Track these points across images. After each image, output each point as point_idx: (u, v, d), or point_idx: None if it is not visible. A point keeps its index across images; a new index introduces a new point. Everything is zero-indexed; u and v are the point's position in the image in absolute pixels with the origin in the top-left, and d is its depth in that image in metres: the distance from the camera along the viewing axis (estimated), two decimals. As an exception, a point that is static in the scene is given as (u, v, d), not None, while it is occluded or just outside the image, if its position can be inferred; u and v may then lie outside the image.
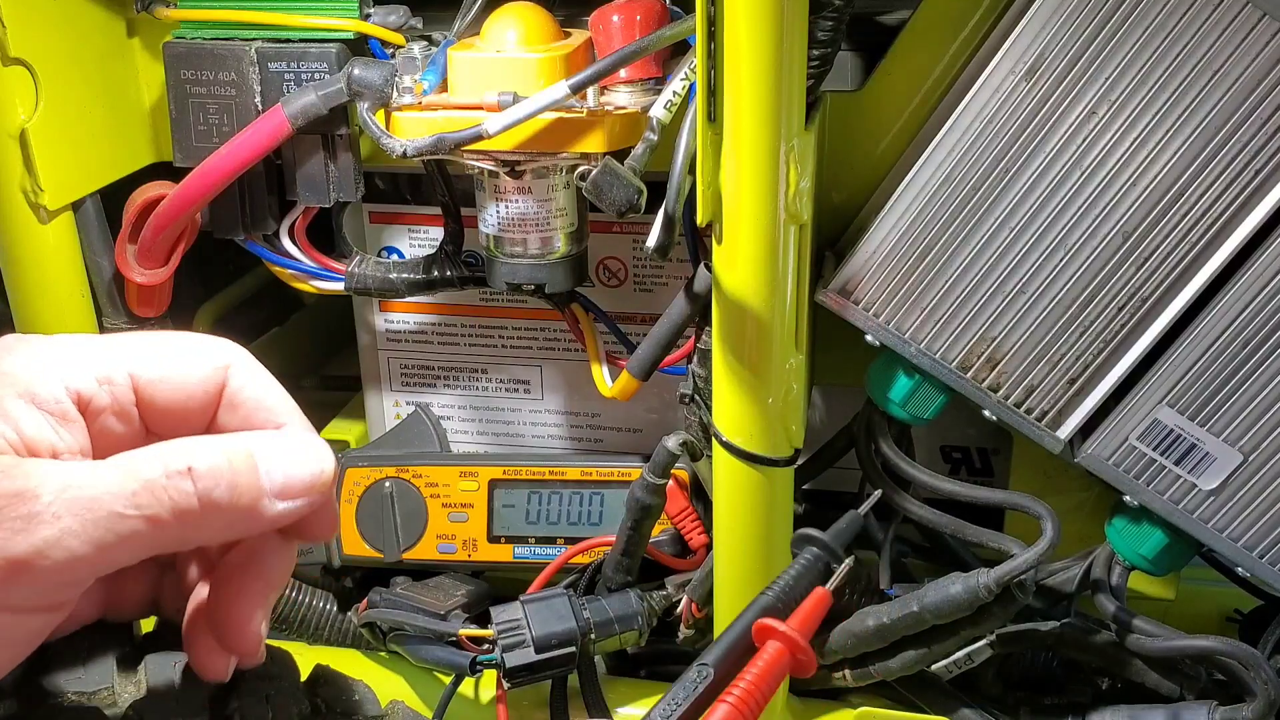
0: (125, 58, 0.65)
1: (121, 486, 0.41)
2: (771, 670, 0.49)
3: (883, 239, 0.59)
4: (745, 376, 0.54)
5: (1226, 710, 0.61)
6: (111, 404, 0.44)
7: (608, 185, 0.52)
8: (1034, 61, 0.55)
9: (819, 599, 0.52)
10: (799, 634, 0.50)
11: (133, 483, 0.41)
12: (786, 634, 0.49)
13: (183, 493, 0.41)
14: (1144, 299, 0.57)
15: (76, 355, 0.44)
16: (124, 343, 0.45)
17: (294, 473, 0.44)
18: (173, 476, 0.41)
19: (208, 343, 0.47)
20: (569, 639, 0.61)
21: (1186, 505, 0.59)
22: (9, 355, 0.43)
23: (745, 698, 0.48)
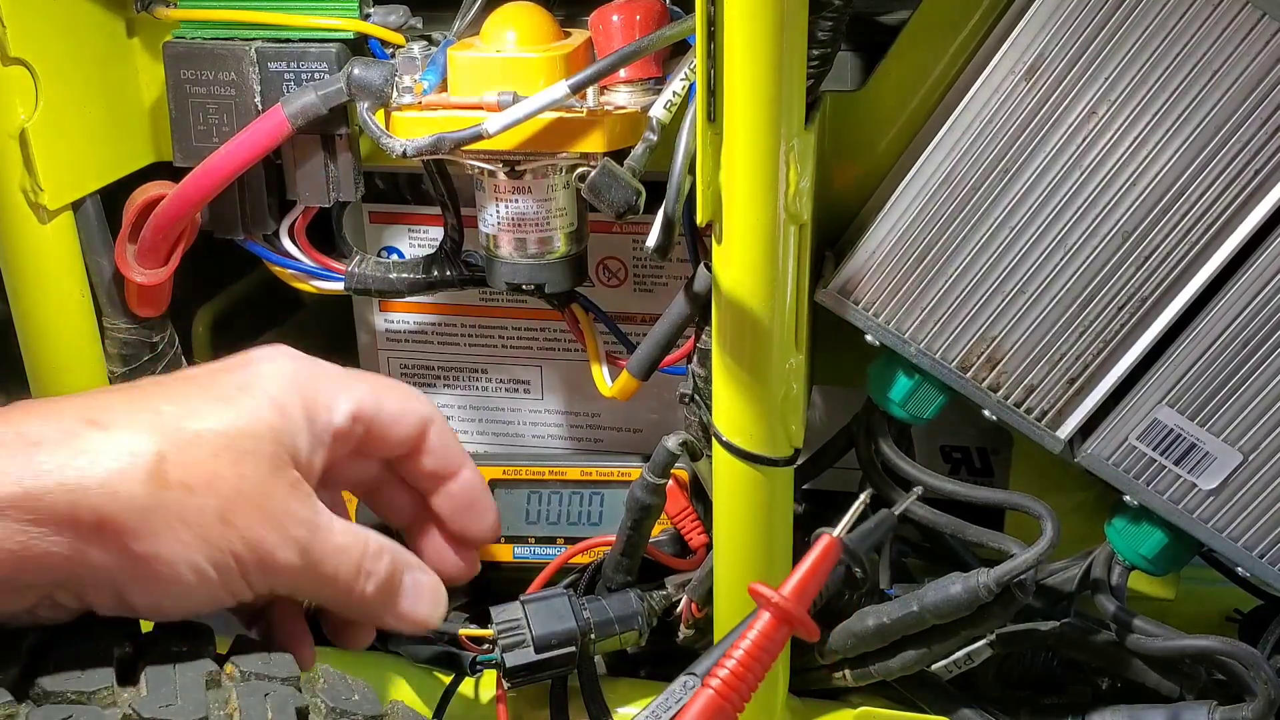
0: (125, 58, 0.65)
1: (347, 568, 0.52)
2: (762, 645, 0.47)
3: (882, 239, 0.59)
4: (745, 376, 0.54)
5: (1226, 710, 0.61)
6: (353, 438, 0.54)
7: (606, 187, 0.52)
8: (1034, 61, 0.55)
9: (824, 550, 0.49)
10: (795, 597, 0.47)
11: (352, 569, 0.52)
12: (776, 602, 0.47)
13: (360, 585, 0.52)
14: (1144, 299, 0.57)
15: (343, 391, 0.53)
16: (365, 384, 0.55)
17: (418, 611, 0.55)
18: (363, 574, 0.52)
19: (416, 397, 0.57)
20: (569, 639, 0.61)
21: (1186, 505, 0.59)
22: (294, 371, 0.52)
23: (731, 680, 0.46)
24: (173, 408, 0.48)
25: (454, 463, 0.59)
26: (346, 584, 0.52)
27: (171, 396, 0.48)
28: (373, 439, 0.55)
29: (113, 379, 0.66)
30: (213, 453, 0.47)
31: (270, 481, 0.48)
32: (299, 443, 0.50)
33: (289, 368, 0.52)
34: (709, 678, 0.46)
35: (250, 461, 0.48)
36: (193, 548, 0.46)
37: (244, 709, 0.46)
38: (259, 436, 0.49)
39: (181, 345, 0.70)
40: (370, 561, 0.53)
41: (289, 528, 0.49)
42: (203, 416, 0.48)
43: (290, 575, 0.50)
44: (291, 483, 0.49)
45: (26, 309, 0.63)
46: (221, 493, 0.47)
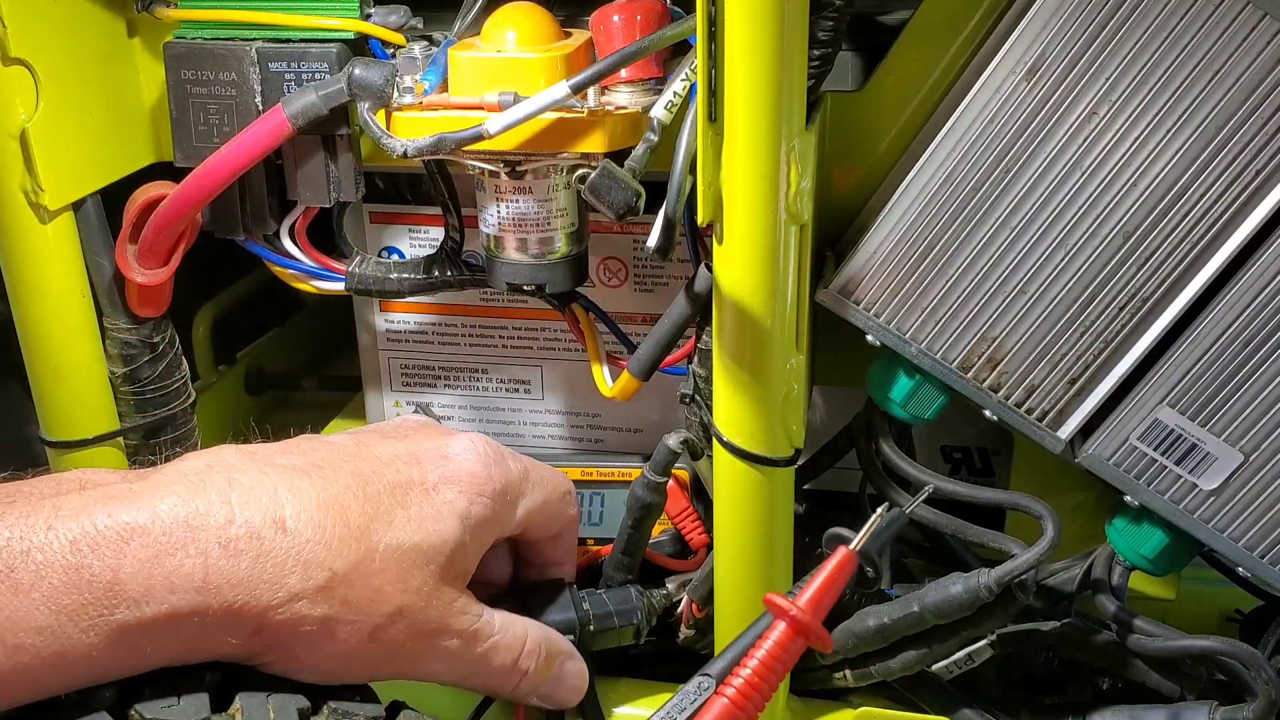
0: (125, 58, 0.65)
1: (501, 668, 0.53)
2: (778, 656, 0.47)
3: (883, 239, 0.59)
4: (745, 376, 0.54)
5: (1227, 710, 0.61)
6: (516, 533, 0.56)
7: (606, 188, 0.52)
8: (1035, 61, 0.55)
9: (841, 562, 0.49)
10: (811, 609, 0.47)
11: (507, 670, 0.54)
12: (794, 614, 0.47)
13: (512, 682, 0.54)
14: (1145, 299, 0.57)
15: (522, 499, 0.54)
16: (540, 490, 0.56)
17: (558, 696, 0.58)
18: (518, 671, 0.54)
19: (573, 501, 0.59)
20: (568, 628, 0.61)
21: (1187, 505, 0.59)
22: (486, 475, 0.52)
23: (746, 689, 0.46)
24: (360, 514, 0.48)
25: (562, 556, 0.61)
26: (500, 681, 0.54)
27: (364, 497, 0.48)
28: (521, 535, 0.57)
29: (113, 379, 0.66)
30: (382, 567, 0.48)
31: (433, 596, 0.49)
32: (471, 552, 0.52)
33: (480, 474, 0.52)
34: (724, 686, 0.47)
35: (419, 577, 0.49)
36: (333, 658, 0.48)
37: (246, 711, 0.46)
38: (435, 550, 0.49)
39: (182, 345, 0.70)
40: (526, 660, 0.54)
41: (443, 642, 0.50)
42: (385, 527, 0.48)
43: (434, 677, 0.52)
44: (453, 597, 0.50)
45: (26, 309, 0.63)
46: (380, 612, 0.48)
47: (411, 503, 0.49)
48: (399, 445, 0.52)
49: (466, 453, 0.53)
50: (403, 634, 0.49)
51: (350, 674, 0.49)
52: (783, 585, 0.60)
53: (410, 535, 0.49)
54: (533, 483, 0.56)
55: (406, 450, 0.52)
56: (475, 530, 0.52)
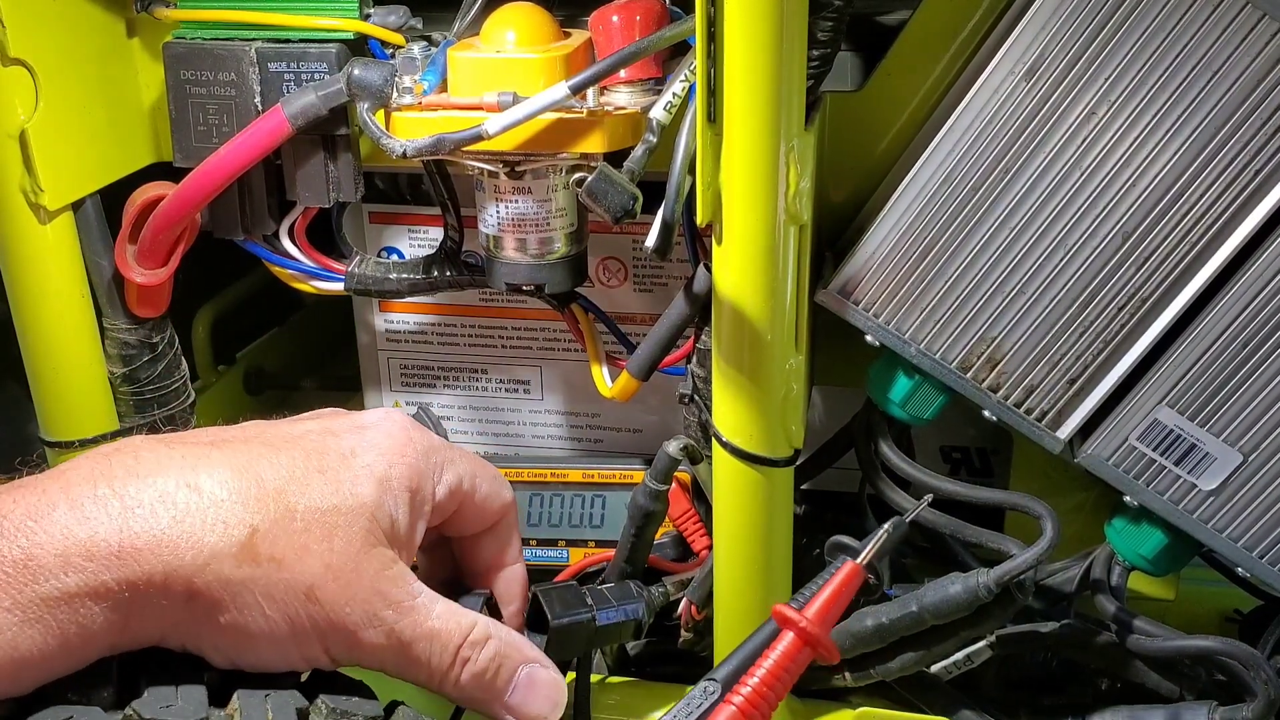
0: (125, 58, 0.65)
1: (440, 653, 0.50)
2: (785, 666, 0.47)
3: (882, 239, 0.59)
4: (745, 377, 0.54)
5: (1226, 710, 0.61)
6: (447, 513, 0.54)
7: (602, 191, 0.52)
8: (1034, 62, 0.55)
9: (849, 576, 0.49)
10: (819, 621, 0.47)
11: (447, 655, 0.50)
12: (803, 626, 0.47)
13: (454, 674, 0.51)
14: (1144, 299, 0.57)
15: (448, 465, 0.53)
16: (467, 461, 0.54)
17: (530, 707, 0.53)
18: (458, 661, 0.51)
19: (505, 482, 0.57)
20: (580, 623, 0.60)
21: (1186, 505, 0.59)
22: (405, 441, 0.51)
23: (754, 698, 0.46)
24: (273, 476, 0.47)
25: (511, 555, 0.59)
26: (439, 670, 0.51)
27: (275, 462, 0.48)
28: (459, 516, 0.55)
29: (112, 379, 0.66)
30: (305, 526, 0.47)
31: (360, 559, 0.48)
32: (398, 517, 0.50)
33: (398, 436, 0.51)
34: (731, 694, 0.47)
35: (342, 537, 0.47)
36: (275, 622, 0.46)
37: (244, 710, 0.46)
38: (354, 512, 0.48)
39: (181, 345, 0.70)
40: (469, 649, 0.51)
41: (376, 608, 0.48)
42: (301, 490, 0.47)
43: (375, 654, 0.49)
44: (383, 561, 0.49)
45: (26, 309, 0.63)
46: (310, 569, 0.47)
47: (328, 468, 0.48)
48: (312, 422, 0.52)
49: (382, 421, 0.52)
50: (338, 596, 0.47)
51: (288, 652, 0.47)
52: (782, 585, 0.60)
53: (328, 498, 0.48)
54: (459, 456, 0.54)
55: (319, 425, 0.51)
56: (397, 495, 0.50)
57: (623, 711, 0.67)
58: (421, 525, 0.52)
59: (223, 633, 0.46)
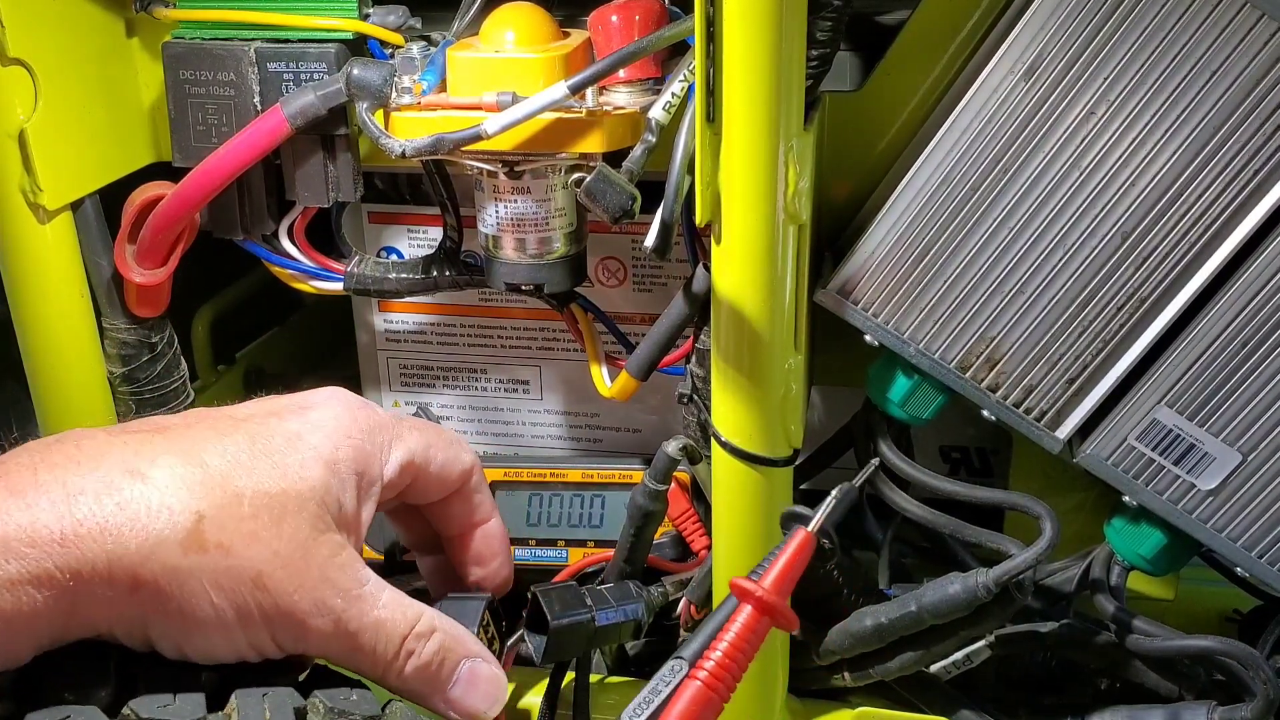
0: (124, 58, 0.65)
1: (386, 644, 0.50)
2: (746, 638, 0.47)
3: (881, 239, 0.59)
4: (744, 377, 0.54)
5: (1225, 710, 0.61)
6: (400, 488, 0.53)
7: (601, 192, 0.52)
8: (1032, 62, 0.55)
9: (801, 544, 0.49)
10: (775, 590, 0.47)
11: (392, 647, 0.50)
12: (759, 595, 0.47)
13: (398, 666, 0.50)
14: (1143, 299, 0.57)
15: (397, 442, 0.52)
16: (418, 434, 0.54)
17: (469, 702, 0.53)
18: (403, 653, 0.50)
19: (463, 446, 0.57)
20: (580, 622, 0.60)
21: (1185, 505, 0.59)
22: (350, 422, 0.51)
23: (718, 672, 0.46)
24: (219, 461, 0.47)
25: (483, 514, 0.59)
26: (384, 660, 0.50)
27: (220, 447, 0.47)
28: (416, 487, 0.55)
29: (112, 379, 0.66)
30: (253, 512, 0.46)
31: (310, 544, 0.47)
32: (346, 500, 0.50)
33: (344, 418, 0.51)
34: (696, 669, 0.47)
35: (291, 523, 0.47)
36: (223, 610, 0.46)
37: (242, 709, 0.46)
38: (302, 496, 0.48)
39: (181, 345, 0.70)
40: (414, 641, 0.51)
41: (324, 595, 0.48)
42: (247, 474, 0.47)
43: (322, 641, 0.48)
44: (333, 548, 0.48)
45: (26, 309, 0.63)
46: (258, 555, 0.46)
47: (274, 451, 0.48)
48: (255, 405, 0.51)
49: (327, 401, 0.51)
50: (286, 584, 0.46)
51: (236, 641, 0.47)
52: (781, 585, 0.60)
53: (276, 482, 0.47)
54: (408, 430, 0.54)
55: (263, 408, 0.51)
56: (344, 478, 0.49)
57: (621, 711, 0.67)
58: (369, 506, 0.51)
59: (169, 620, 0.45)
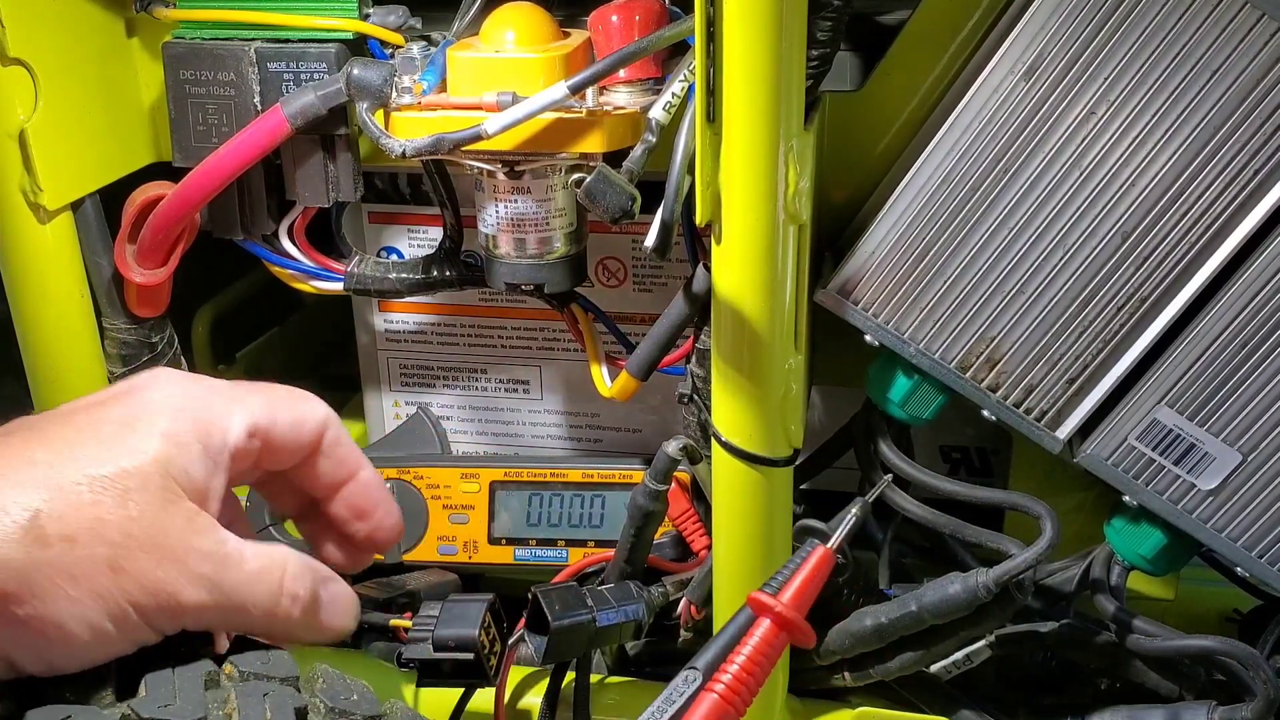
0: (124, 58, 0.65)
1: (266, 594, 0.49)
2: (764, 651, 0.47)
3: (882, 239, 0.59)
4: (744, 377, 0.54)
5: (1226, 710, 0.61)
6: (251, 454, 0.51)
7: (601, 193, 0.52)
8: (1033, 62, 0.55)
9: (820, 560, 0.50)
10: (794, 605, 0.48)
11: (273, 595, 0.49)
12: (779, 610, 0.48)
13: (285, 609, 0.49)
14: (1143, 299, 0.57)
15: (237, 407, 0.50)
16: (259, 395, 0.52)
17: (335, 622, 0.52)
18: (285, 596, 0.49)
19: (311, 401, 0.54)
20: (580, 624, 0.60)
21: (1186, 505, 0.59)
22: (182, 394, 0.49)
23: (735, 685, 0.47)
24: (48, 455, 0.45)
25: (350, 466, 0.55)
26: (267, 610, 0.49)
27: (48, 442, 0.45)
28: (269, 452, 0.52)
29: (112, 379, 0.66)
30: (94, 498, 0.44)
31: (163, 518, 0.45)
32: (193, 471, 0.47)
33: (175, 392, 0.49)
34: (712, 682, 0.47)
35: (136, 500, 0.45)
36: (83, 604, 0.43)
37: (242, 709, 0.46)
38: (145, 473, 0.45)
39: (181, 345, 0.70)
40: (291, 582, 0.49)
41: (192, 564, 0.46)
42: (81, 461, 0.45)
43: (201, 612, 0.47)
44: (188, 516, 0.46)
45: (26, 309, 0.63)
46: (109, 539, 0.44)
47: (105, 436, 0.46)
48: (79, 401, 0.49)
49: (153, 381, 0.50)
50: (146, 561, 0.44)
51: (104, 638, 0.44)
52: (781, 585, 0.60)
53: (115, 462, 0.45)
54: (246, 393, 0.51)
55: (89, 400, 0.49)
56: (187, 448, 0.47)
57: (622, 711, 0.67)
58: (220, 477, 0.49)
59: (29, 629, 0.43)
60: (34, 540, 0.43)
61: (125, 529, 0.44)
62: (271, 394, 0.52)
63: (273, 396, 0.52)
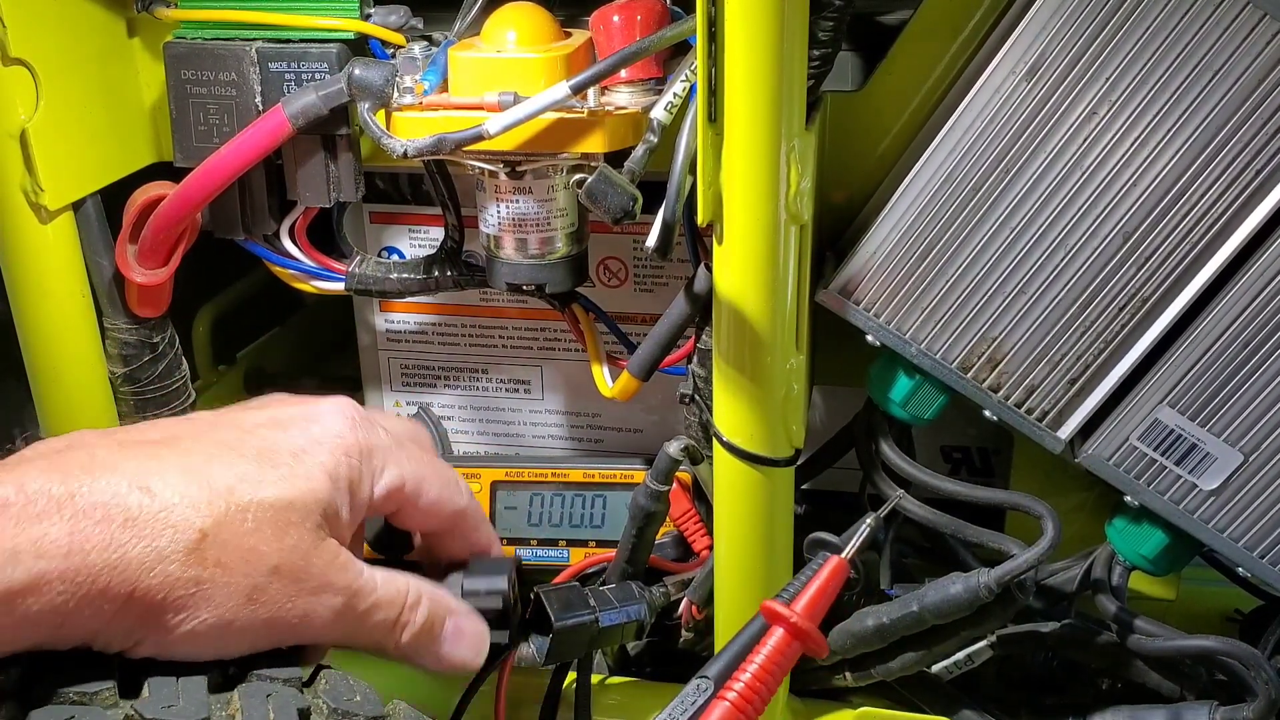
0: (125, 58, 0.65)
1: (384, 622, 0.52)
2: (776, 660, 0.48)
3: (883, 239, 0.59)
4: (745, 377, 0.54)
5: (1227, 710, 0.61)
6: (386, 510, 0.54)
7: (602, 193, 0.52)
8: (1035, 61, 0.55)
9: (834, 570, 0.50)
10: (808, 615, 0.48)
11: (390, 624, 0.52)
12: (793, 621, 0.48)
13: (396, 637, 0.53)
14: (1145, 299, 0.57)
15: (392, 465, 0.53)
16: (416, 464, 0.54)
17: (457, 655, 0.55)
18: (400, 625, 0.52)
19: (460, 486, 0.57)
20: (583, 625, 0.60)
21: (1187, 505, 0.59)
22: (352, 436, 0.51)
23: (747, 693, 0.47)
24: (226, 476, 0.47)
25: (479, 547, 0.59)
26: (383, 637, 0.52)
27: (227, 461, 0.48)
28: (403, 516, 0.56)
29: (113, 379, 0.66)
30: (255, 526, 0.47)
31: (312, 553, 0.49)
32: (343, 512, 0.51)
33: (346, 431, 0.52)
34: (725, 690, 0.47)
35: (295, 534, 0.48)
36: (213, 624, 0.46)
37: (246, 709, 0.46)
38: (307, 506, 0.49)
39: (182, 345, 0.70)
40: (409, 613, 0.53)
41: (325, 597, 0.49)
42: (253, 487, 0.48)
43: (325, 634, 0.50)
44: (333, 553, 0.50)
45: (26, 309, 0.63)
46: (257, 570, 0.47)
47: (281, 463, 0.49)
48: (262, 414, 0.52)
49: (332, 414, 0.52)
50: (281, 595, 0.48)
51: (228, 646, 0.48)
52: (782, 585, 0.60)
53: (282, 493, 0.48)
54: (407, 459, 0.54)
55: (269, 417, 0.52)
56: (342, 490, 0.50)
57: (623, 711, 0.67)
58: (359, 519, 0.53)
59: (161, 632, 0.46)
60: (194, 560, 0.46)
61: (276, 561, 0.47)
62: (426, 467, 0.55)
63: (427, 470, 0.55)
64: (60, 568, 0.43)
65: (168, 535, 0.45)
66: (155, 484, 0.46)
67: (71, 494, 0.44)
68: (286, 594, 0.48)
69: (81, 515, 0.44)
